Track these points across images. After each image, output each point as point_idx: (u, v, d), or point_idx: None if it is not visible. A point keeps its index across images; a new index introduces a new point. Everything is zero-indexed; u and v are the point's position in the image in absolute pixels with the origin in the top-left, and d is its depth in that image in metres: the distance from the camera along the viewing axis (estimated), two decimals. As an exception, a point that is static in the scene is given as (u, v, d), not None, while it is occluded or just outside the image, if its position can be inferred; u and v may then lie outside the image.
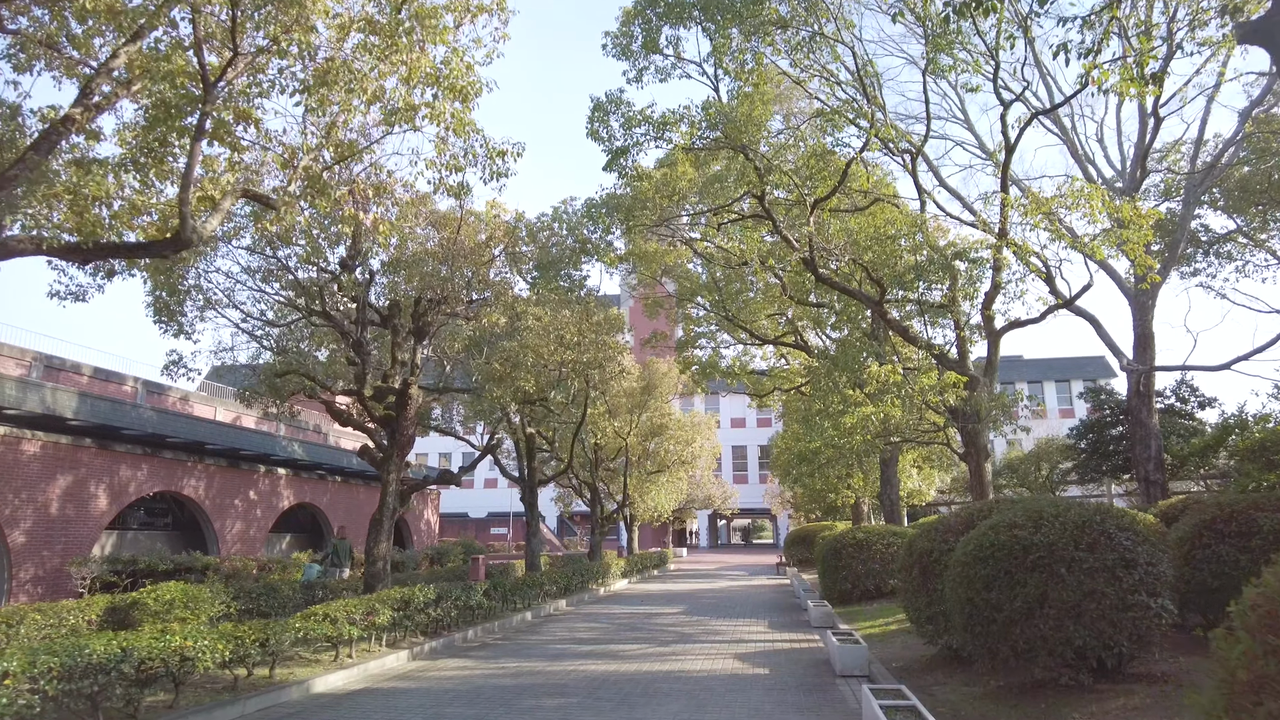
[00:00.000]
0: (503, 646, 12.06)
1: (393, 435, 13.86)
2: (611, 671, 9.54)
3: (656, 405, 32.91)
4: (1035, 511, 6.57)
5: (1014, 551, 6.28)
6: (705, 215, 19.91)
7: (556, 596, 18.66)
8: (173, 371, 15.20)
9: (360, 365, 13.10)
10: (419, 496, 33.31)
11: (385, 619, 10.60)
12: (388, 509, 13.77)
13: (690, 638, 12.58)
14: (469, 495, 63.69)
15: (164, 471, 20.04)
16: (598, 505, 28.74)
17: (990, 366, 12.95)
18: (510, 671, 9.72)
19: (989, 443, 12.68)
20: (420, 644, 11.52)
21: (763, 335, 24.81)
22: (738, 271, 22.91)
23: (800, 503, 36.94)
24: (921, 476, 27.68)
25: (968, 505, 9.37)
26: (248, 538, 23.04)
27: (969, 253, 13.01)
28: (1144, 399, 17.70)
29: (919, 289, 12.91)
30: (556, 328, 15.62)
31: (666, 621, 14.86)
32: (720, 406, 62.37)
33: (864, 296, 13.26)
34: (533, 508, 22.27)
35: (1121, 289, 19.20)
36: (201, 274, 14.82)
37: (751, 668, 9.71)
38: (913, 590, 8.48)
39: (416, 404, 13.74)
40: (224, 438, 21.20)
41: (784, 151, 13.43)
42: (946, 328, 16.90)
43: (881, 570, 15.50)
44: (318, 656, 9.94)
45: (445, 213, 14.83)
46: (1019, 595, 6.11)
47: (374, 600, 10.60)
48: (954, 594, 6.80)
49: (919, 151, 14.59)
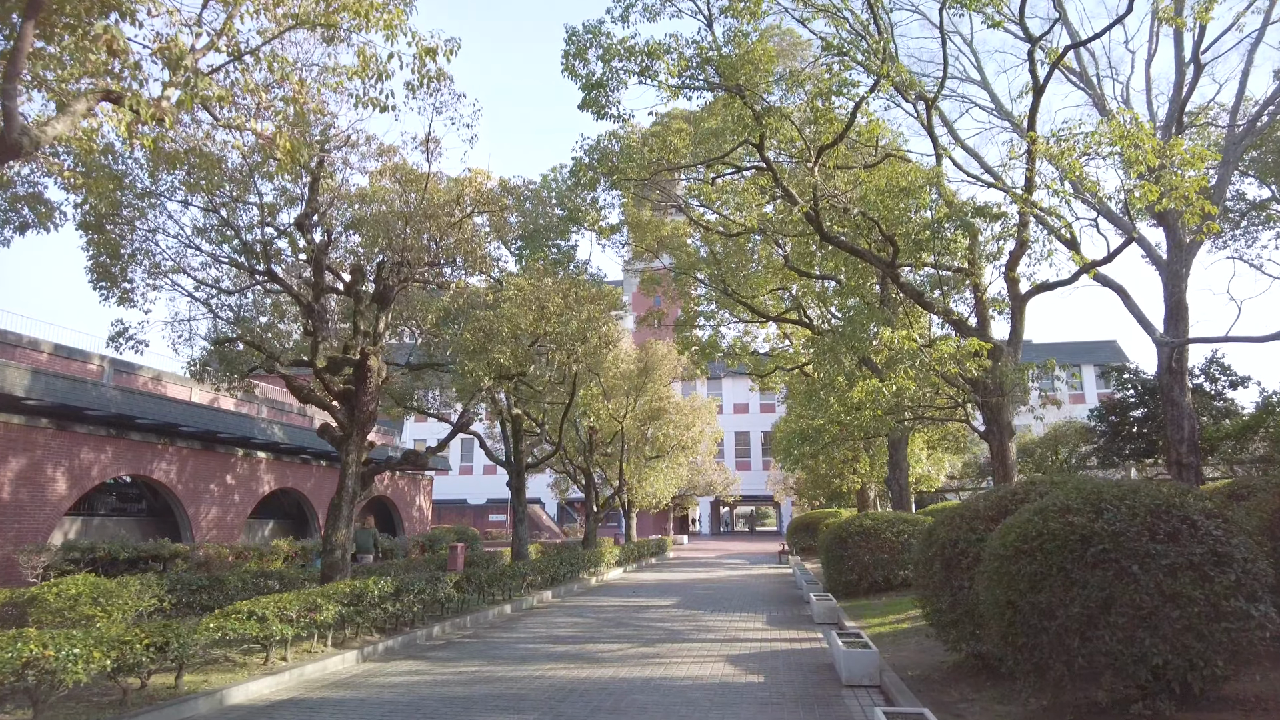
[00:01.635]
0: (468, 646, 10.81)
1: (352, 412, 12.58)
2: (582, 679, 8.27)
3: (654, 388, 31.59)
4: (1092, 493, 5.24)
5: (1069, 543, 4.95)
6: (701, 171, 18.51)
7: (541, 587, 17.43)
8: (119, 343, 13.91)
9: (314, 334, 11.80)
10: (410, 482, 32.17)
11: (330, 615, 9.35)
12: (347, 493, 12.51)
13: (679, 635, 11.31)
14: (468, 481, 62.71)
15: (131, 454, 18.85)
16: (592, 491, 27.51)
17: (1015, 335, 11.56)
18: (466, 677, 8.46)
19: (1013, 419, 11.34)
20: (375, 643, 10.28)
21: (765, 312, 23.42)
22: (738, 243, 21.51)
23: (803, 489, 35.65)
24: (931, 461, 26.34)
25: (996, 488, 8.04)
26: (225, 524, 21.90)
27: (991, 208, 11.60)
28: (1176, 376, 16.24)
29: (935, 249, 11.50)
30: (539, 296, 14.28)
31: (656, 616, 13.61)
32: (723, 391, 61.03)
33: (875, 258, 11.87)
34: (520, 493, 21.02)
35: (1151, 257, 17.74)
36: (149, 237, 13.52)
37: (744, 674, 8.43)
38: (933, 587, 7.16)
39: (377, 377, 12.44)
40: (199, 419, 19.99)
41: (785, 97, 12.01)
42: (961, 302, 15.53)
43: (890, 561, 14.21)
44: (247, 660, 8.70)
45: (412, 170, 13.47)
46: (1076, 598, 4.78)
47: (317, 595, 9.34)
48: (989, 594, 5.48)
49: (933, 102, 13.13)
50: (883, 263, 11.80)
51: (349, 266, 13.89)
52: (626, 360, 30.10)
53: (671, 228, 23.50)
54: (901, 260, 12.29)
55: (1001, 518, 6.74)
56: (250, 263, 11.42)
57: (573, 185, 16.88)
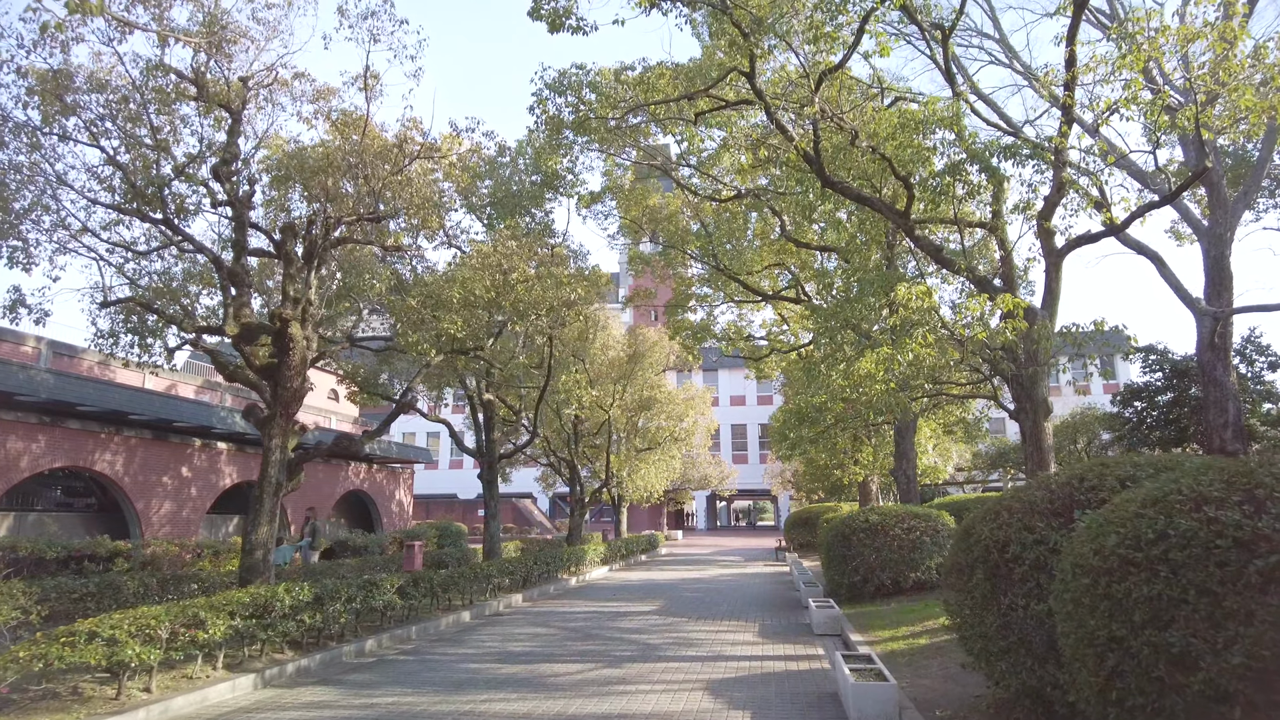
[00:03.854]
0: (400, 665, 9.03)
1: (275, 389, 10.78)
2: (518, 717, 6.50)
3: (644, 376, 29.81)
4: (1239, 475, 3.45)
5: (1213, 551, 3.18)
6: (689, 146, 16.72)
7: (510, 590, 15.67)
8: (15, 314, 12.10)
9: (227, 296, 9.99)
10: (389, 475, 30.39)
11: (219, 632, 7.57)
12: (269, 483, 10.71)
13: (654, 652, 9.54)
14: (459, 475, 61.07)
15: (68, 444, 17.04)
16: (577, 485, 25.73)
17: (1050, 296, 9.76)
18: (374, 714, 6.69)
19: (1049, 395, 9.56)
20: (284, 663, 8.51)
21: (760, 291, 21.62)
22: (731, 213, 19.70)
23: (802, 481, 33.92)
24: (937, 451, 24.60)
25: (1047, 475, 6.27)
26: (180, 520, 20.09)
27: (1020, 146, 9.78)
28: (1220, 353, 14.48)
29: (955, 195, 9.69)
30: (501, 261, 12.45)
31: (632, 625, 11.84)
32: (719, 382, 59.28)
33: (886, 207, 10.06)
34: (492, 486, 19.24)
35: (1190, 223, 15.98)
36: (48, 189, 11.67)
37: (726, 709, 6.66)
38: (974, 604, 5.38)
39: (303, 348, 10.62)
40: (150, 407, 18.14)
41: (780, 21, 10.18)
42: (982, 264, 13.73)
43: (900, 561, 12.45)
44: (99, 691, 6.91)
45: (349, 111, 11.63)
46: (1238, 639, 3.01)
47: (200, 606, 7.55)
48: (1075, 625, 3.72)
49: (949, 33, 11.31)
50: (895, 213, 9.99)
51: (281, 226, 12.07)
52: (615, 346, 28.34)
53: (660, 198, 21.70)
54: (917, 215, 10.49)
55: (1068, 512, 4.97)
56: (144, 208, 9.56)
57: (550, 140, 15.04)
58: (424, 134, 11.35)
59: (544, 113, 10.99)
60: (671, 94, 12.05)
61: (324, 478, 25.91)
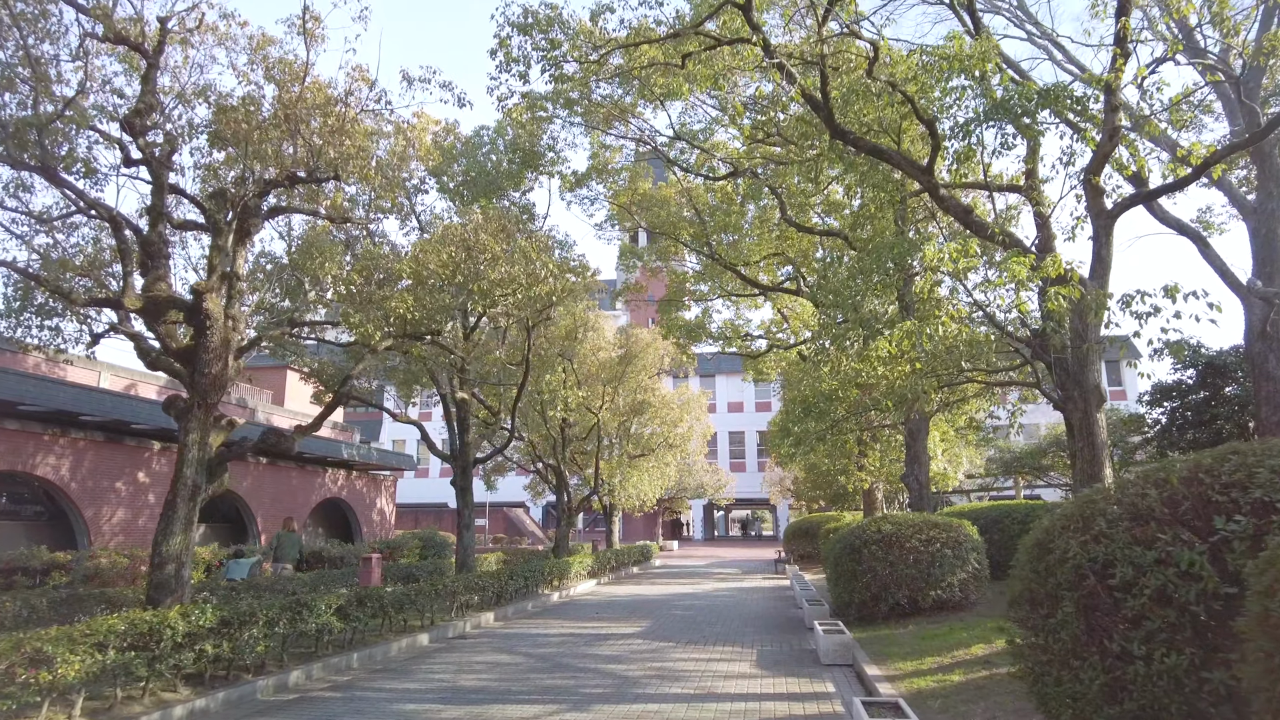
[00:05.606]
0: (321, 706, 7.43)
1: (192, 376, 9.23)
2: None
3: (637, 378, 28.26)
4: None
5: None
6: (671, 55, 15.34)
7: (481, 608, 14.05)
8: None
9: (125, 263, 8.46)
10: (370, 482, 28.79)
11: (73, 671, 5.99)
12: (185, 486, 9.13)
13: (630, 688, 7.94)
14: (449, 484, 59.13)
15: (5, 447, 15.50)
16: (564, 492, 24.12)
17: (1101, 265, 8.23)
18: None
19: (1100, 380, 8.04)
20: (172, 705, 6.91)
21: (758, 283, 20.12)
22: (726, 196, 18.24)
23: (802, 489, 32.32)
24: (946, 456, 23.02)
25: (1148, 468, 4.75)
26: (135, 529, 18.48)
27: (1064, 94, 8.28)
28: (1272, 342, 12.94)
29: (984, 149, 8.18)
30: (463, 235, 10.93)
31: (610, 652, 10.23)
32: (716, 388, 57.63)
33: (906, 161, 8.54)
34: (466, 493, 17.65)
35: (1235, 201, 14.52)
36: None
37: (713, 777, 5.09)
38: (1060, 648, 3.81)
39: (224, 328, 9.08)
40: (103, 407, 16.59)
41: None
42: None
43: (918, 577, 10.87)
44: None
45: (283, 58, 10.13)
46: None
47: (46, 639, 5.96)
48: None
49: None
50: (917, 168, 8.48)
51: (210, 193, 10.55)
52: (607, 348, 26.82)
53: (650, 184, 20.23)
54: (941, 175, 9.00)
55: (1204, 518, 3.43)
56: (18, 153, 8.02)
57: (531, 116, 13.57)
58: (371, 84, 9.85)
59: (507, 58, 9.49)
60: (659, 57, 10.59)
61: (298, 484, 24.33)
